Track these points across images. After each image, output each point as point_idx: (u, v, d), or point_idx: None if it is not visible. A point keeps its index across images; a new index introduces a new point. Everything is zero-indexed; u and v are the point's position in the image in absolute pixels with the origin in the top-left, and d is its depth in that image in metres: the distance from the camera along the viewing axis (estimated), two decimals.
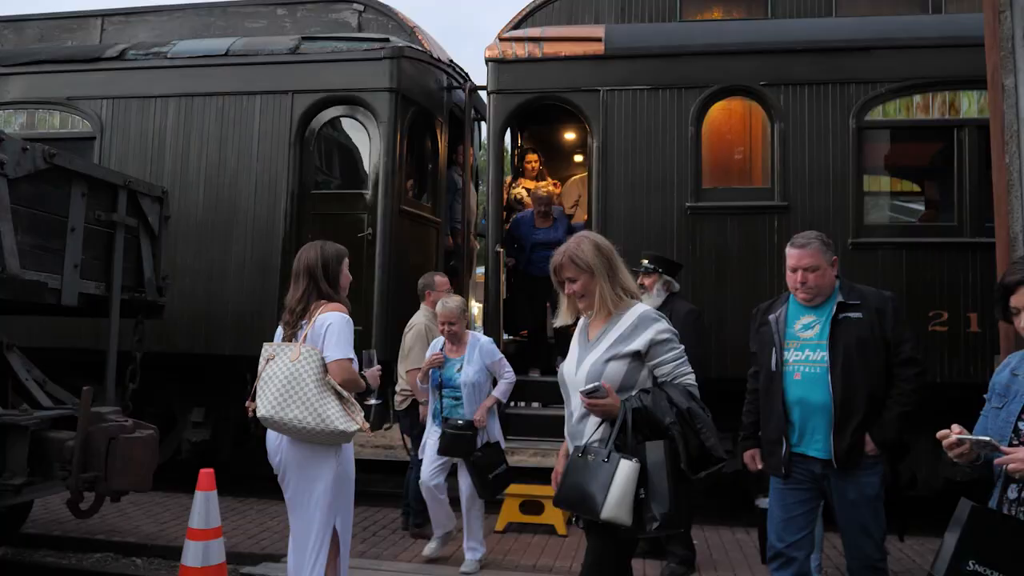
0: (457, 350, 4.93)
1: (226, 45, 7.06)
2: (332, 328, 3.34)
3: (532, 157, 8.00)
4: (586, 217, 7.13)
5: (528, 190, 7.63)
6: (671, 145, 6.23)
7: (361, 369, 3.49)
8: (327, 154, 7.21)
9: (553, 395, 6.65)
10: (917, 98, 6.06)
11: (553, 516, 5.68)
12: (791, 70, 6.16)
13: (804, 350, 3.41)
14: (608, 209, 6.27)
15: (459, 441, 4.80)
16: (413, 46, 6.98)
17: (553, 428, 6.33)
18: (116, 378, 5.12)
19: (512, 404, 6.91)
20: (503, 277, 6.57)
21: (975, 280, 5.80)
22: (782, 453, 3.38)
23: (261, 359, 3.44)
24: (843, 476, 3.30)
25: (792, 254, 3.43)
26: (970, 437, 2.22)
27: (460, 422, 4.82)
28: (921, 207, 6.90)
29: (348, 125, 7.00)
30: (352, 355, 3.37)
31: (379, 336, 6.40)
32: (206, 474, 3.74)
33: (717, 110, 6.35)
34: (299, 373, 3.28)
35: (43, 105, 7.26)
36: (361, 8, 7.30)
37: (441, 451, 4.85)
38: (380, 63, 6.67)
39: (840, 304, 3.38)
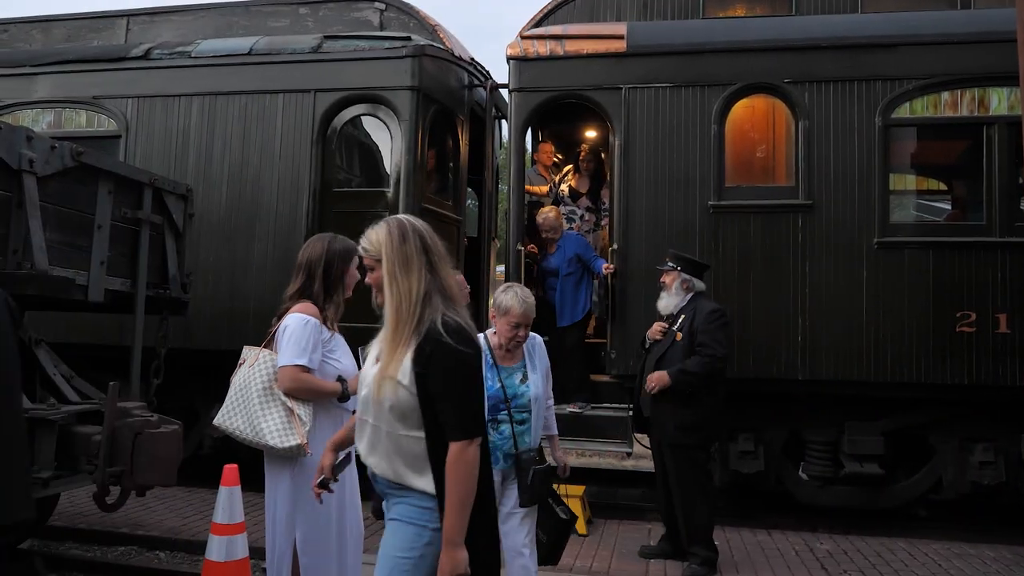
0: (512, 356, 3.63)
1: (249, 44, 7.11)
2: (287, 332, 3.19)
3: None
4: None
5: (570, 187, 7.78)
6: (694, 143, 6.18)
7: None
8: (349, 152, 7.23)
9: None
10: (945, 95, 5.96)
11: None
12: (815, 67, 6.08)
13: None
14: (630, 208, 6.24)
15: (547, 479, 3.56)
16: (435, 44, 6.98)
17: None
18: (141, 374, 5.17)
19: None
20: (522, 272, 6.55)
21: (1004, 280, 5.70)
22: None
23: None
24: None
25: None
26: None
27: (534, 454, 3.54)
28: (948, 206, 6.80)
29: (370, 123, 7.00)
30: (301, 360, 3.15)
31: None
32: (230, 469, 3.76)
33: (740, 108, 6.29)
34: (250, 380, 3.19)
35: (70, 104, 7.35)
36: (383, 7, 7.32)
37: (528, 501, 3.47)
38: (402, 61, 6.67)
39: None
